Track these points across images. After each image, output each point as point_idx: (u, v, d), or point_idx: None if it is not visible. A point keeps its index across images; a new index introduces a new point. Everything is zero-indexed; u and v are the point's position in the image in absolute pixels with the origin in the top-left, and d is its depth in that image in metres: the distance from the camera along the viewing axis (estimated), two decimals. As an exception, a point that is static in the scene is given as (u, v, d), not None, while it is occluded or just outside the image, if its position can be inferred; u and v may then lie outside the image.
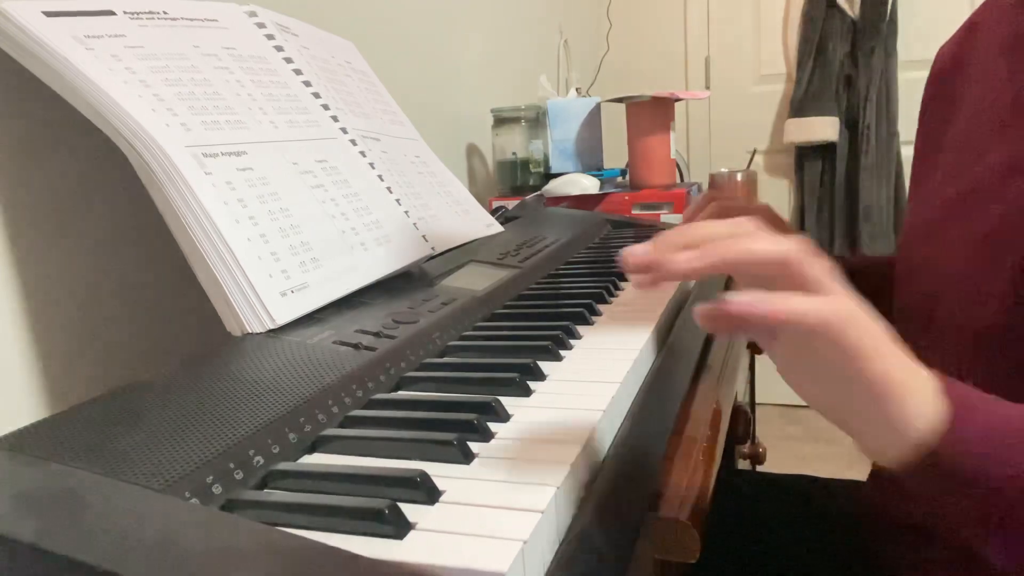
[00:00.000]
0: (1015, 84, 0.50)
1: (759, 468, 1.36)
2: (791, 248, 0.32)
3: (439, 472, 0.36)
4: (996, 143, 0.50)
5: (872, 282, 0.66)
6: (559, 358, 0.54)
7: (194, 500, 0.34)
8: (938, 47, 0.65)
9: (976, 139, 0.53)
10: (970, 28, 0.61)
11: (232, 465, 0.37)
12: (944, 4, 2.11)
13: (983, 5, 0.60)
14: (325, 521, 0.33)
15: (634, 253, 0.35)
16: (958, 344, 0.48)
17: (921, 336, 0.54)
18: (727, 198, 0.63)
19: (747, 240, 0.33)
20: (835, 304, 0.32)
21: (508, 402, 0.45)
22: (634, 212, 1.26)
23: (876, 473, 0.68)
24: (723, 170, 1.34)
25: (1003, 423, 0.34)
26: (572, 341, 0.58)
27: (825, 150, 2.28)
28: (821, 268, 0.33)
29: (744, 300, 0.32)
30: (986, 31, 0.58)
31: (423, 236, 0.75)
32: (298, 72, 0.74)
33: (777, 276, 0.32)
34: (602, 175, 1.36)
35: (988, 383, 0.39)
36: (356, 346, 0.52)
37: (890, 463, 0.34)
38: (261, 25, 0.73)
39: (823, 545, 0.72)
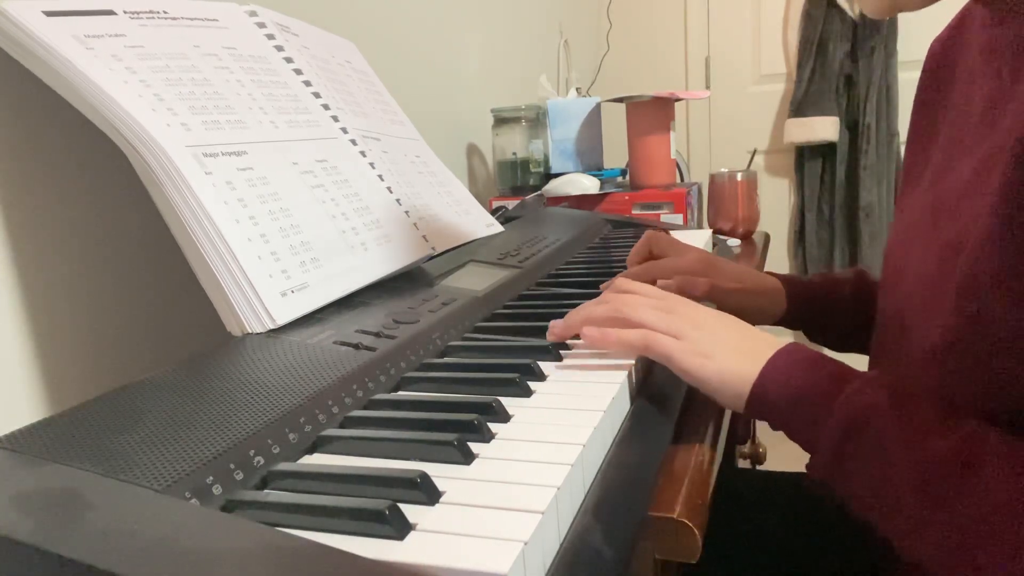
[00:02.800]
0: (987, 99, 0.50)
1: (759, 468, 1.36)
2: (650, 320, 0.52)
3: (439, 472, 0.36)
4: (966, 156, 0.51)
5: (829, 301, 0.75)
6: (559, 359, 0.54)
7: (194, 500, 0.34)
8: (938, 47, 0.65)
9: (954, 148, 0.54)
10: (959, 25, 0.60)
11: (232, 465, 0.37)
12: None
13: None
14: (325, 522, 0.33)
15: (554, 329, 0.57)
16: (923, 353, 0.49)
17: (898, 341, 0.54)
18: (661, 243, 0.76)
19: (633, 311, 0.53)
20: (677, 345, 0.50)
21: (508, 402, 0.45)
22: (634, 212, 1.26)
23: None
24: (723, 170, 1.33)
25: (788, 366, 0.48)
26: (572, 341, 0.58)
27: (825, 150, 2.28)
28: (679, 323, 0.51)
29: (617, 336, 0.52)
30: (970, 32, 0.57)
31: (423, 236, 0.75)
32: (298, 72, 0.74)
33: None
34: (602, 175, 1.36)
35: (949, 394, 0.45)
36: (356, 346, 0.52)
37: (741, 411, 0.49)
38: (261, 25, 0.73)
39: (823, 544, 0.72)
